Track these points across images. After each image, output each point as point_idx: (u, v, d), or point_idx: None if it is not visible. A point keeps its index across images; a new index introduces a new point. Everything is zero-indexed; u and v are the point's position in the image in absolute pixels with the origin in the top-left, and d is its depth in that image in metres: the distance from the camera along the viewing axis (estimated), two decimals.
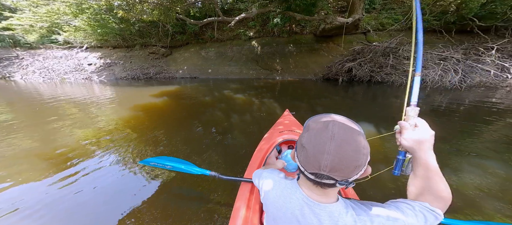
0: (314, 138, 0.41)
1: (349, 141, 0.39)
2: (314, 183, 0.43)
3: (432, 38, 6.40)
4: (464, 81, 4.45)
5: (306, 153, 0.41)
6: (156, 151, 2.04)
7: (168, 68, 8.97)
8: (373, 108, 3.45)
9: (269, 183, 0.56)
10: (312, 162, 0.40)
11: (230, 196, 1.35)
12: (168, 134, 2.45)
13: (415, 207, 0.44)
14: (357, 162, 0.39)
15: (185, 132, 2.53)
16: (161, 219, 1.19)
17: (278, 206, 0.51)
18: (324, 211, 0.44)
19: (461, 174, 1.55)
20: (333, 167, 0.38)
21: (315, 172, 0.40)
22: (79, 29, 8.85)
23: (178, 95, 5.03)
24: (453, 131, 2.27)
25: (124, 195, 1.42)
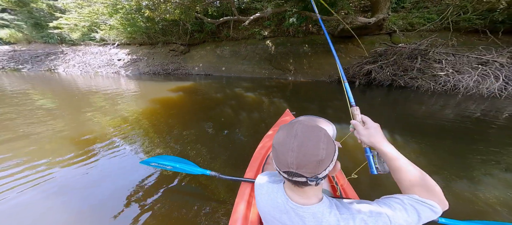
0: (281, 138, 0.44)
1: (310, 137, 0.42)
2: (291, 182, 0.45)
3: (473, 39, 5.58)
4: (506, 88, 3.77)
5: (276, 152, 0.44)
6: (167, 144, 2.14)
7: (185, 65, 9.47)
8: (391, 114, 3.14)
9: (259, 189, 0.58)
10: (281, 160, 0.42)
11: (229, 195, 1.35)
12: (179, 128, 2.58)
13: (404, 201, 0.44)
14: (318, 157, 0.40)
15: (195, 127, 2.63)
16: (161, 218, 1.21)
17: (267, 211, 0.53)
18: (307, 213, 0.45)
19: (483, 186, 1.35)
20: (298, 164, 0.40)
21: (286, 170, 0.42)
22: (113, 28, 9.89)
23: (192, 91, 5.26)
24: (484, 142, 1.94)
25: (127, 187, 1.47)
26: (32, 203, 1.32)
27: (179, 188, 1.47)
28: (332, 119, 1.81)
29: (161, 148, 2.03)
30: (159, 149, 2.03)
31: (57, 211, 1.27)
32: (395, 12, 6.82)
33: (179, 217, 1.21)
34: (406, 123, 2.69)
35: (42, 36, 12.88)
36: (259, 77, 7.63)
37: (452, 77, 4.34)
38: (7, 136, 2.27)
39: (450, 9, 5.78)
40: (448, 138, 2.16)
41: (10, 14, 13.37)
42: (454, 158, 1.77)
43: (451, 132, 2.33)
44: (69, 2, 10.62)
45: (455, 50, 4.97)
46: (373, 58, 5.85)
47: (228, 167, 1.71)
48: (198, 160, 1.80)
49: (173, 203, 1.32)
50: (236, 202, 0.88)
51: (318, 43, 7.49)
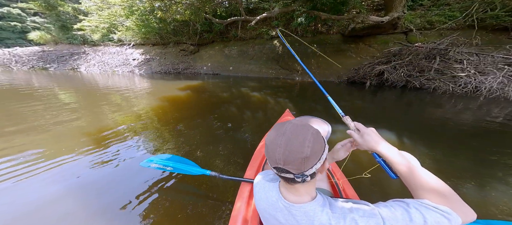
0: (272, 136, 0.46)
1: (297, 135, 0.43)
2: (283, 179, 0.46)
3: (501, 38, 5.09)
4: None
5: (266, 148, 0.46)
6: (174, 141, 2.20)
7: (195, 64, 9.73)
8: (404, 117, 2.96)
9: (256, 187, 0.59)
10: (270, 156, 0.44)
11: (229, 195, 1.36)
12: (186, 126, 2.66)
13: (409, 204, 0.42)
14: (303, 154, 0.41)
15: (202, 125, 2.69)
16: (161, 217, 1.22)
17: (263, 208, 0.54)
18: (299, 211, 0.46)
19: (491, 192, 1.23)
20: (285, 160, 0.42)
21: (275, 165, 0.44)
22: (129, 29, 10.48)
23: (200, 90, 5.40)
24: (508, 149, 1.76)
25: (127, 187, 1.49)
26: (30, 192, 1.41)
27: (179, 188, 1.48)
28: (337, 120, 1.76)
29: (169, 145, 2.09)
30: (166, 146, 2.09)
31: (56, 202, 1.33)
32: (411, 10, 6.44)
33: (179, 216, 1.22)
34: (420, 127, 2.52)
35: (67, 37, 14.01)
36: (266, 77, 7.61)
37: (474, 78, 4.00)
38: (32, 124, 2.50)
39: (476, 6, 5.33)
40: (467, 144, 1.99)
41: (40, 17, 14.71)
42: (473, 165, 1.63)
43: (471, 137, 2.14)
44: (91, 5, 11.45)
45: (479, 50, 4.57)
46: (386, 58, 5.58)
47: (231, 166, 1.71)
48: (201, 158, 1.83)
49: (173, 202, 1.31)
50: (236, 202, 0.89)
51: (327, 43, 7.30)
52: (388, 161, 0.51)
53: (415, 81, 4.79)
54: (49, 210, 1.28)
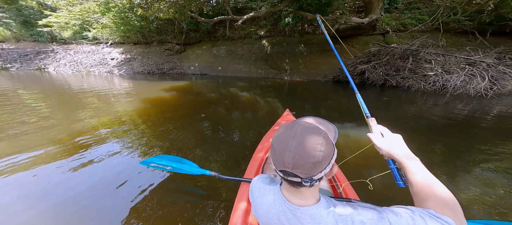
0: (280, 137, 0.44)
1: (308, 139, 0.41)
2: (287, 182, 0.45)
3: (462, 40, 5.76)
4: (492, 88, 3.92)
5: (274, 151, 0.44)
6: (160, 144, 2.15)
7: (181, 64, 9.39)
8: (383, 114, 3.23)
9: (255, 192, 0.58)
10: (278, 159, 0.43)
11: (229, 195, 1.37)
12: (174, 127, 2.58)
13: (414, 212, 0.41)
14: (314, 159, 0.40)
15: (190, 127, 2.64)
16: (160, 217, 1.22)
17: (265, 213, 0.52)
18: (305, 214, 0.45)
19: (459, 184, 1.41)
20: (294, 164, 0.40)
21: (282, 169, 0.42)
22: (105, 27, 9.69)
23: (187, 91, 5.26)
24: (467, 141, 2.04)
25: (125, 189, 1.47)
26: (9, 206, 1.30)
27: (178, 188, 1.48)
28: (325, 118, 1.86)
29: (156, 148, 2.04)
30: (154, 149, 2.03)
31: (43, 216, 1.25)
32: (388, 13, 6.94)
33: (178, 217, 1.22)
34: (398, 123, 2.77)
35: (31, 34, 12.47)
36: (255, 77, 7.65)
37: (441, 77, 4.48)
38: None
39: (441, 10, 5.93)
40: (436, 137, 2.25)
41: None
42: (442, 157, 1.85)
43: (440, 131, 2.43)
44: (59, 0, 10.32)
45: (445, 51, 5.12)
46: (366, 58, 5.96)
47: (222, 167, 1.73)
48: (193, 161, 1.82)
49: (173, 203, 1.33)
50: (236, 202, 0.89)
51: (313, 43, 7.55)
52: (407, 170, 0.49)
53: (392, 80, 5.20)
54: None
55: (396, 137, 0.55)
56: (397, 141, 0.54)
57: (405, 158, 0.50)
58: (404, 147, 0.53)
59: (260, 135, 2.25)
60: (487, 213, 1.19)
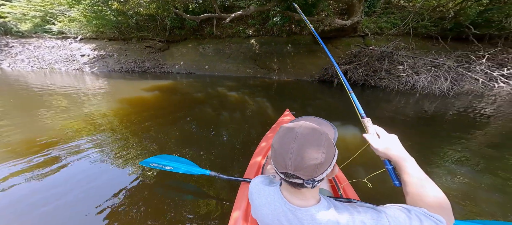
0: (281, 138, 0.44)
1: (310, 141, 0.41)
2: (289, 183, 0.44)
3: (428, 45, 6.47)
4: (452, 88, 4.53)
5: (275, 152, 0.44)
6: (143, 146, 2.06)
7: (164, 62, 8.89)
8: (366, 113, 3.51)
9: (254, 193, 0.57)
10: (279, 161, 0.42)
11: (229, 195, 1.38)
12: (158, 129, 2.47)
13: (410, 210, 0.43)
14: (317, 161, 0.40)
15: (176, 128, 2.55)
16: (160, 217, 1.21)
17: (265, 214, 0.51)
18: (305, 215, 0.45)
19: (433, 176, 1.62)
20: (297, 166, 0.40)
21: (284, 171, 0.42)
22: (74, 20, 8.64)
23: (172, 90, 5.03)
24: (434, 137, 2.35)
25: (114, 191, 1.42)
26: None
27: (178, 188, 1.48)
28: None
29: (136, 151, 1.95)
30: (133, 150, 1.94)
31: None
32: (367, 16, 7.43)
33: (178, 217, 1.22)
34: (377, 121, 3.04)
35: None
36: (243, 76, 7.62)
37: (411, 78, 5.02)
38: None
39: (411, 16, 6.56)
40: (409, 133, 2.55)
41: None
42: (411, 151, 2.10)
43: (411, 128, 2.75)
44: None
45: (414, 54, 5.72)
46: (349, 59, 6.34)
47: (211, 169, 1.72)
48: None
49: (173, 202, 1.32)
50: (235, 202, 0.89)
51: (300, 43, 7.76)
52: (403, 171, 0.50)
53: (371, 80, 5.65)
54: None
55: (392, 138, 0.54)
56: (394, 142, 0.54)
57: (402, 159, 0.51)
58: (401, 148, 0.53)
59: (250, 136, 2.33)
60: (453, 203, 1.41)
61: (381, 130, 0.58)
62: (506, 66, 4.83)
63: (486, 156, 1.92)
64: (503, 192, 1.41)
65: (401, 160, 0.51)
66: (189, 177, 1.51)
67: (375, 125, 0.59)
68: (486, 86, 4.59)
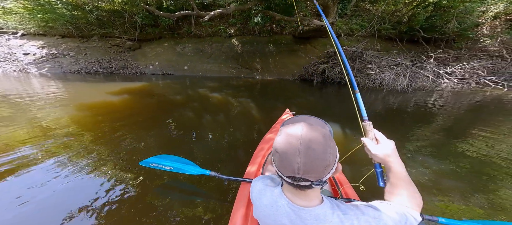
0: (285, 142, 0.43)
1: (317, 142, 0.41)
2: (294, 186, 0.44)
3: (389, 46, 7.39)
4: (411, 85, 5.32)
5: (280, 157, 0.42)
6: (113, 153, 1.90)
7: (136, 63, 8.04)
8: (343, 109, 3.85)
9: (256, 194, 0.56)
10: (286, 166, 0.41)
11: (229, 195, 1.39)
12: (133, 136, 2.27)
13: (396, 207, 0.47)
14: (326, 162, 0.40)
15: (153, 134, 2.36)
16: (159, 217, 1.21)
17: (267, 215, 0.50)
18: (309, 215, 0.44)
19: None
20: (305, 169, 0.40)
21: (291, 175, 0.41)
22: (10, 12, 7.03)
23: (147, 93, 4.65)
24: (400, 129, 2.74)
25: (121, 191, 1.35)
26: None
27: (178, 187, 1.48)
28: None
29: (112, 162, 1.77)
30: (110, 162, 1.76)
31: None
32: (340, 18, 8.03)
33: (178, 217, 1.22)
34: (350, 117, 3.37)
35: None
36: (226, 76, 7.46)
37: (378, 76, 5.68)
38: None
39: (375, 19, 7.36)
40: (376, 126, 2.88)
41: None
42: None
43: (381, 120, 3.15)
44: None
45: (379, 54, 6.46)
46: (326, 59, 6.79)
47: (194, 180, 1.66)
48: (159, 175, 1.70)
49: (172, 202, 1.32)
50: (236, 202, 0.88)
51: (282, 43, 7.95)
52: (394, 175, 0.53)
53: (346, 78, 6.17)
54: None
55: (391, 145, 0.55)
56: (393, 149, 0.55)
57: (399, 166, 0.53)
58: (397, 155, 0.54)
59: (235, 137, 2.33)
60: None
61: (380, 135, 0.58)
62: (449, 65, 5.88)
63: (437, 143, 2.32)
64: (455, 174, 1.73)
65: (397, 166, 0.53)
66: (188, 177, 1.50)
67: (375, 129, 0.59)
68: (435, 82, 5.51)
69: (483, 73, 5.50)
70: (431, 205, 1.36)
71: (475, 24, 6.72)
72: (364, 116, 0.63)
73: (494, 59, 6.06)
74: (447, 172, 1.73)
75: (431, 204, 1.37)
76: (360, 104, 0.66)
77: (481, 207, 1.33)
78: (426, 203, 1.49)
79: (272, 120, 3.01)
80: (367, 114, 0.65)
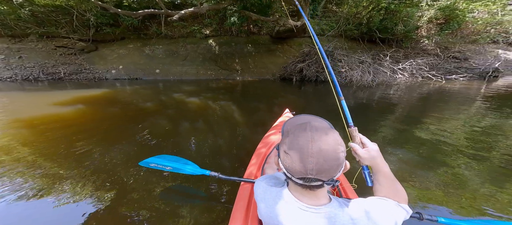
0: (296, 143, 0.42)
1: (328, 141, 0.41)
2: (303, 186, 0.43)
3: (354, 45, 8.26)
4: (374, 80, 6.09)
5: (291, 159, 0.41)
6: (73, 169, 1.68)
7: (92, 67, 6.91)
8: (322, 105, 4.14)
9: (261, 194, 0.55)
10: (298, 167, 0.40)
11: (229, 195, 1.37)
12: (93, 149, 1.99)
13: (391, 201, 0.50)
14: (338, 160, 0.41)
15: (120, 147, 2.08)
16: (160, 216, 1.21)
17: (273, 215, 0.49)
18: (319, 214, 0.44)
19: None
20: (319, 169, 0.39)
21: (303, 176, 0.40)
22: None
23: (109, 101, 4.10)
24: (367, 120, 3.10)
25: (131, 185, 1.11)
26: None
27: (178, 188, 1.46)
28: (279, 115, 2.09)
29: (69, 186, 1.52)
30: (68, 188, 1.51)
31: None
32: (312, 18, 8.53)
33: (178, 217, 1.21)
34: (326, 113, 3.66)
35: None
36: (205, 78, 7.11)
37: (348, 73, 6.30)
38: None
39: (341, 20, 8.10)
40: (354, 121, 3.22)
41: None
42: None
43: (352, 112, 3.47)
44: None
45: (347, 52, 7.16)
46: (302, 58, 7.14)
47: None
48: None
49: (173, 202, 1.32)
50: (236, 202, 0.88)
51: (260, 43, 7.97)
52: (381, 174, 0.55)
53: (321, 76, 6.65)
54: None
55: (376, 147, 0.58)
56: (377, 151, 0.57)
57: (384, 166, 0.56)
58: (381, 156, 0.56)
59: (218, 143, 2.26)
60: None
61: (365, 139, 0.60)
62: (400, 62, 6.93)
63: (398, 129, 2.73)
64: (416, 158, 2.05)
65: (383, 166, 0.56)
66: (189, 177, 1.47)
67: (360, 134, 0.61)
68: (392, 77, 6.44)
69: (426, 69, 6.70)
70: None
71: (416, 27, 8.10)
72: (349, 122, 0.65)
73: (432, 56, 7.45)
74: (410, 158, 2.02)
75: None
76: (346, 111, 0.67)
77: (443, 181, 1.60)
78: None
79: (256, 122, 3.01)
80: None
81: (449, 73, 6.86)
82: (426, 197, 1.48)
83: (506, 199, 1.41)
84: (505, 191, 1.49)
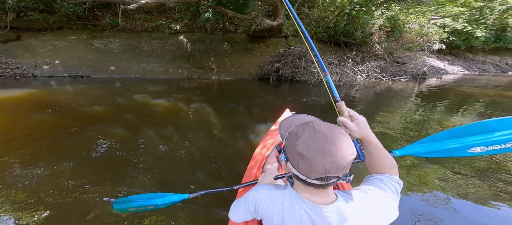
0: (310, 144, 0.41)
1: (340, 138, 0.42)
2: (317, 186, 0.43)
3: (323, 47, 8.99)
4: (341, 80, 6.83)
5: (309, 161, 0.40)
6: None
7: (13, 60, 5.26)
8: (299, 104, 4.36)
9: (266, 202, 0.51)
10: (316, 168, 0.40)
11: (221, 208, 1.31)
12: (21, 172, 1.52)
13: (383, 180, 0.51)
14: (352, 156, 0.42)
15: (42, 166, 1.61)
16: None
17: (284, 220, 0.47)
18: (331, 211, 0.44)
19: None
20: (337, 167, 0.40)
21: (321, 176, 0.40)
22: None
23: (35, 105, 3.21)
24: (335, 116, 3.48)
25: None
26: None
27: None
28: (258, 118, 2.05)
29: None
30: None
31: None
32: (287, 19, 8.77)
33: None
34: (311, 111, 3.92)
35: None
36: (175, 77, 6.41)
37: (319, 73, 6.86)
38: None
39: (313, 23, 8.65)
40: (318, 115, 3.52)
41: None
42: None
43: (321, 110, 3.81)
44: None
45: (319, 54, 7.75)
46: (278, 58, 7.30)
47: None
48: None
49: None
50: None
51: (237, 42, 7.69)
52: (371, 146, 0.56)
53: (296, 76, 6.99)
54: None
55: (364, 119, 0.58)
56: (366, 122, 0.57)
57: (372, 137, 0.56)
58: (369, 128, 0.57)
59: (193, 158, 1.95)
60: None
61: (353, 112, 0.59)
62: (359, 64, 7.97)
63: None
64: None
65: (371, 137, 0.56)
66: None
67: (348, 108, 0.61)
68: (354, 78, 7.36)
69: (378, 71, 7.94)
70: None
71: (370, 33, 9.44)
72: (336, 97, 0.64)
73: (382, 60, 8.87)
74: None
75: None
76: (332, 86, 0.68)
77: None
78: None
79: (235, 125, 2.82)
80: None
81: (394, 75, 8.37)
82: None
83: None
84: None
